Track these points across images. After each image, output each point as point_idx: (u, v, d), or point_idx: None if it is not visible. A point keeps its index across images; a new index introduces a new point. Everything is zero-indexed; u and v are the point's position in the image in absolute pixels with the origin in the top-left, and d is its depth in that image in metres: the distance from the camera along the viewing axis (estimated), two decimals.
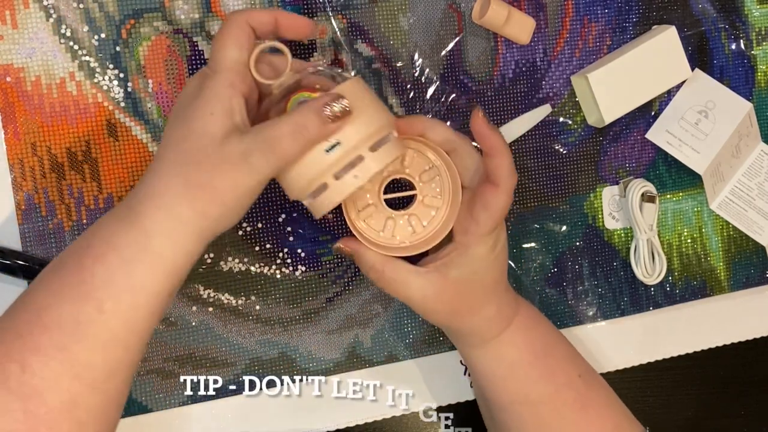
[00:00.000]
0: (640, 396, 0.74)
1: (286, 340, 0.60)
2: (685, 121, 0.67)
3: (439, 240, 0.53)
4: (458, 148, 0.52)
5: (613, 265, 0.67)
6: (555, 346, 0.56)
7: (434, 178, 0.54)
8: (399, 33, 0.61)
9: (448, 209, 0.53)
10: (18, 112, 0.55)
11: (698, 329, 0.70)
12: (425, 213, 0.54)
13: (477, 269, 0.51)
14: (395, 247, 0.53)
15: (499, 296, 0.53)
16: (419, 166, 0.54)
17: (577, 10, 0.65)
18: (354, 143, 0.45)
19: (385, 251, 0.52)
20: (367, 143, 0.46)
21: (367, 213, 0.54)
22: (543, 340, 0.56)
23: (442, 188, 0.54)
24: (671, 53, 0.63)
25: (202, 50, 0.57)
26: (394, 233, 0.54)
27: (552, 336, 0.57)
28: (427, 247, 0.53)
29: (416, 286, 0.51)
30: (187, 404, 0.59)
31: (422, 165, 0.54)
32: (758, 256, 0.71)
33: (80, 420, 0.41)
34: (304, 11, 0.59)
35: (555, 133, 0.65)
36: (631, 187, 0.65)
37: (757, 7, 0.69)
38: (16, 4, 0.54)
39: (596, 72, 0.61)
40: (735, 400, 0.78)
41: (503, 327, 0.54)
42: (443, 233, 0.53)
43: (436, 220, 0.54)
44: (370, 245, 0.53)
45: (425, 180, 0.54)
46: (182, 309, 0.58)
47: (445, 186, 0.53)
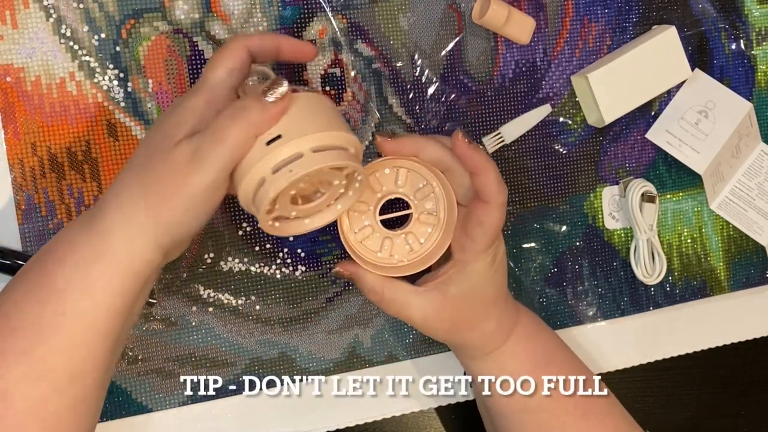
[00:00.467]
0: (640, 396, 0.74)
1: (286, 340, 0.60)
2: (685, 121, 0.67)
3: (436, 257, 0.53)
4: (451, 166, 0.52)
5: (613, 265, 0.67)
6: (555, 353, 0.56)
7: (429, 196, 0.54)
8: (399, 33, 0.61)
9: (444, 226, 0.54)
10: (18, 112, 0.55)
11: (698, 329, 0.70)
12: (422, 231, 0.54)
13: (476, 285, 0.51)
14: (394, 267, 0.54)
15: (500, 309, 0.54)
16: (413, 185, 0.54)
17: (577, 10, 0.65)
18: (295, 139, 0.44)
19: (384, 271, 0.53)
20: (309, 143, 0.44)
21: (363, 234, 0.54)
22: (544, 348, 0.56)
23: (437, 206, 0.54)
24: (671, 53, 0.63)
25: (202, 50, 0.57)
26: (392, 253, 0.54)
27: (552, 343, 0.57)
28: (425, 266, 0.53)
29: (416, 306, 0.51)
30: (187, 404, 0.59)
31: (416, 183, 0.54)
32: (758, 256, 0.71)
33: (48, 421, 0.42)
34: (304, 11, 0.59)
35: (555, 133, 0.65)
36: (631, 187, 0.65)
37: (757, 7, 0.69)
38: (16, 4, 0.54)
39: (596, 72, 0.61)
40: (735, 400, 0.78)
41: (504, 339, 0.54)
42: (441, 251, 0.53)
43: (432, 237, 0.54)
44: (368, 267, 0.53)
45: (420, 198, 0.54)
46: (182, 309, 0.58)
47: (440, 203, 0.54)
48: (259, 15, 0.58)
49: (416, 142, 0.52)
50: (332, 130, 0.45)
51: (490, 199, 0.49)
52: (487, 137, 0.63)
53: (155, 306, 0.58)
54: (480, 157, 0.49)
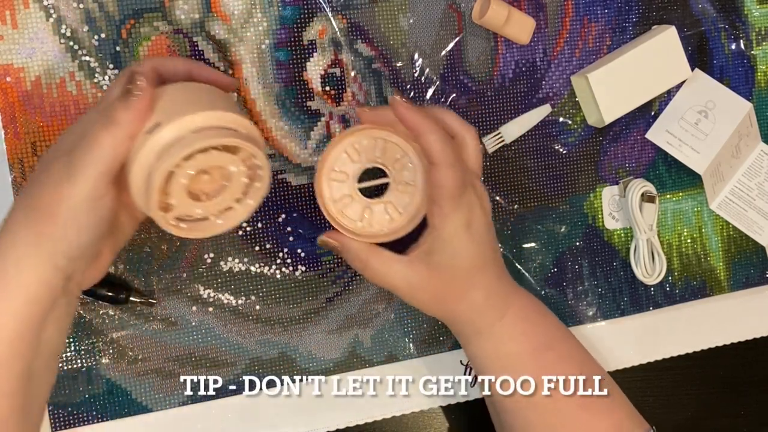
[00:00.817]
0: (640, 396, 0.74)
1: (286, 340, 0.60)
2: (685, 121, 0.67)
3: (415, 224, 0.54)
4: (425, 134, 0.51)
5: (613, 265, 0.67)
6: (559, 341, 0.56)
7: (407, 166, 0.55)
8: (399, 33, 0.61)
9: (422, 195, 0.55)
10: (18, 112, 0.55)
11: (698, 329, 0.70)
12: (401, 200, 0.56)
13: (455, 252, 0.51)
14: (374, 236, 0.55)
15: (488, 281, 0.53)
16: (391, 155, 0.56)
17: (577, 10, 0.65)
18: (174, 121, 0.42)
19: (366, 239, 0.54)
20: (190, 125, 0.42)
21: (343, 203, 0.55)
22: (545, 335, 0.55)
23: (415, 175, 0.55)
24: (671, 53, 0.63)
25: (202, 50, 0.57)
26: (372, 222, 0.55)
27: (555, 331, 0.56)
28: (404, 232, 0.54)
29: (400, 274, 0.52)
30: (187, 404, 0.59)
31: (394, 154, 0.56)
32: (758, 256, 0.71)
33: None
34: (304, 11, 0.59)
35: (555, 133, 0.65)
36: (631, 187, 0.65)
37: (757, 7, 0.69)
38: (16, 4, 0.54)
39: (596, 72, 0.62)
40: (735, 400, 0.78)
41: (496, 316, 0.53)
42: (419, 218, 0.54)
43: (411, 206, 0.55)
44: (350, 235, 0.54)
45: (398, 169, 0.56)
46: (182, 309, 0.58)
47: (418, 173, 0.55)
48: (259, 15, 0.58)
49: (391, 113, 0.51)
50: (216, 111, 0.43)
51: (435, 159, 0.48)
52: (487, 137, 0.63)
53: (155, 306, 0.58)
54: (418, 119, 0.49)
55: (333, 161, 0.55)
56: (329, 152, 0.55)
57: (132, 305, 0.57)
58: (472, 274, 0.52)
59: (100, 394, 0.57)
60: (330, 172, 0.56)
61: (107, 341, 0.57)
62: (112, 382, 0.57)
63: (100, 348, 0.57)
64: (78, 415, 0.57)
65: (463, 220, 0.51)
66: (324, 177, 0.55)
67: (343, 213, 0.55)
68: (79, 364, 0.57)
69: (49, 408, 0.56)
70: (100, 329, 0.57)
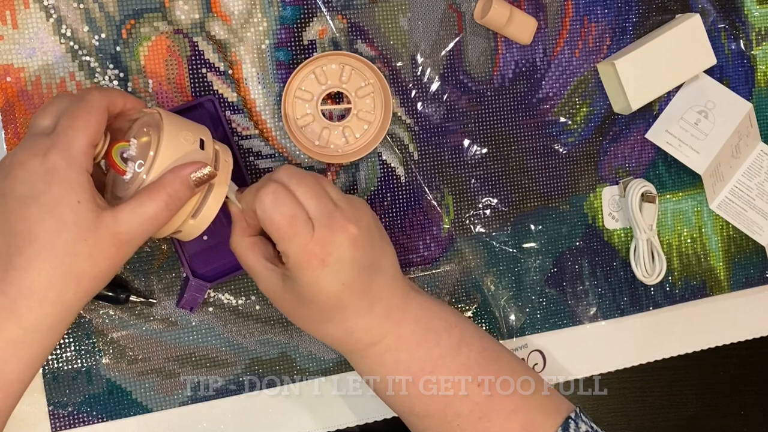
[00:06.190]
0: (640, 396, 0.74)
1: (286, 340, 0.60)
2: (684, 121, 0.67)
3: (368, 152, 0.59)
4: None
5: (613, 265, 0.67)
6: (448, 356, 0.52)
7: (369, 95, 0.59)
8: (399, 33, 0.61)
9: (379, 124, 0.59)
10: (18, 112, 0.55)
11: (698, 329, 0.70)
12: (359, 126, 0.60)
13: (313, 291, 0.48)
14: (329, 155, 0.59)
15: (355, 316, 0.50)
16: (356, 83, 0.59)
17: (577, 10, 0.65)
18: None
19: (320, 157, 0.58)
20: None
21: (305, 121, 0.59)
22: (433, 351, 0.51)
23: (375, 105, 0.59)
24: (696, 40, 0.64)
25: (202, 50, 0.57)
26: (328, 142, 0.59)
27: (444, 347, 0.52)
28: (357, 157, 0.59)
29: (262, 278, 0.51)
30: (187, 404, 0.59)
31: (359, 82, 0.59)
32: (758, 256, 0.71)
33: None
34: (304, 11, 0.59)
35: (555, 133, 0.65)
36: (631, 187, 0.66)
37: (757, 7, 0.69)
38: (16, 4, 0.54)
39: (623, 59, 0.62)
40: (735, 400, 0.78)
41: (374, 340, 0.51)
42: (373, 145, 0.59)
43: (368, 133, 0.60)
44: (306, 152, 0.58)
45: (361, 96, 0.59)
46: (182, 309, 0.58)
47: (378, 103, 0.59)
48: (259, 15, 0.58)
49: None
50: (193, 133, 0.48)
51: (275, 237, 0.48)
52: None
53: (155, 306, 0.58)
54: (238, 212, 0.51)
55: (300, 80, 0.58)
56: (298, 72, 0.58)
57: (132, 305, 0.57)
58: (336, 309, 0.49)
59: (100, 394, 0.57)
60: (296, 90, 0.58)
61: (107, 341, 0.57)
62: (112, 382, 0.57)
63: (100, 348, 0.57)
64: (78, 415, 0.57)
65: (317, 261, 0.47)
66: (289, 95, 0.58)
67: (302, 130, 0.58)
68: (79, 364, 0.57)
69: (49, 408, 0.56)
70: (100, 329, 0.57)
